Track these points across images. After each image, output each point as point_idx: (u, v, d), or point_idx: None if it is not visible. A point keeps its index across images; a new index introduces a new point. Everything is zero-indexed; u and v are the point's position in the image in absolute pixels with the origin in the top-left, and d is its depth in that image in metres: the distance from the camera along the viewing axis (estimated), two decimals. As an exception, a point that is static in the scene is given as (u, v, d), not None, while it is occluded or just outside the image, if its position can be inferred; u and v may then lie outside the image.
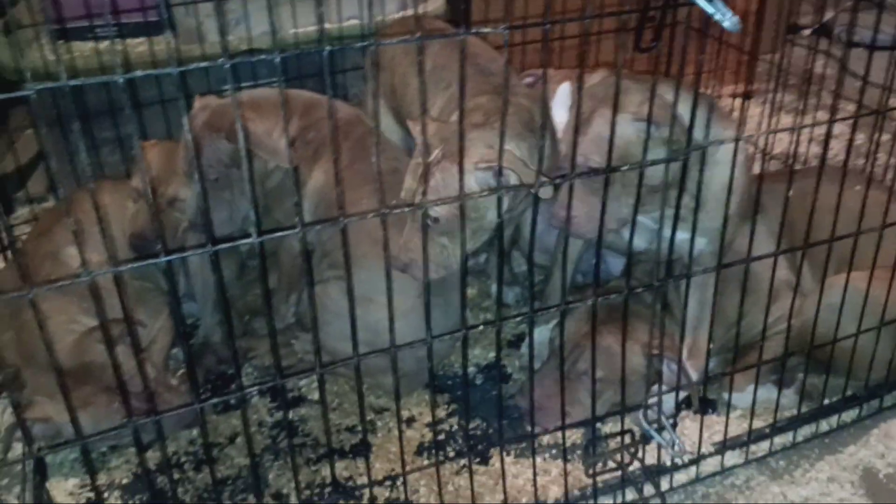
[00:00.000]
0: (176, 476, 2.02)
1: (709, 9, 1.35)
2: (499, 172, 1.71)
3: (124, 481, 2.03)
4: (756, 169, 2.19)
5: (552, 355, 2.19)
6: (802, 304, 2.09)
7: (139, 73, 1.15)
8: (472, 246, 1.92)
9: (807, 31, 3.88)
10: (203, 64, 1.17)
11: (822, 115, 3.54)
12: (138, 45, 2.89)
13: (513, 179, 1.73)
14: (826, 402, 2.15)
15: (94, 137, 2.81)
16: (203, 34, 2.81)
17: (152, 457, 2.07)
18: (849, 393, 2.17)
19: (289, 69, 2.85)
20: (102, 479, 2.04)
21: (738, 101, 3.60)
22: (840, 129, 3.21)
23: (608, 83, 1.81)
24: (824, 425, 2.12)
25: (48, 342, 1.32)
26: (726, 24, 1.35)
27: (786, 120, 3.59)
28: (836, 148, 3.50)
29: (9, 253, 2.30)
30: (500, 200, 1.65)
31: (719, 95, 3.74)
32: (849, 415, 2.15)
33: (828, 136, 1.79)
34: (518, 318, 2.46)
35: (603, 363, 1.98)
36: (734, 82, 3.80)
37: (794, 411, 2.10)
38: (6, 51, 2.76)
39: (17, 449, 2.12)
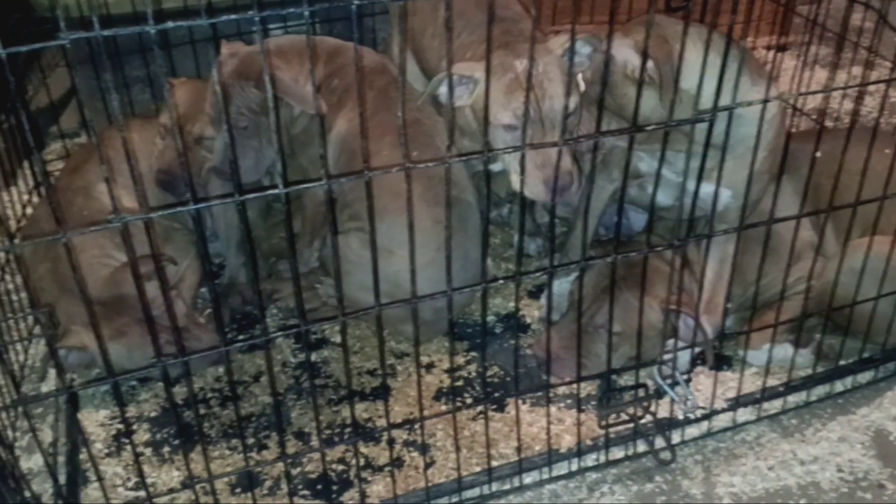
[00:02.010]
0: (202, 411, 2.10)
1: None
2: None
3: (153, 414, 2.11)
4: (787, 124, 2.17)
5: (571, 308, 2.22)
6: (824, 267, 2.09)
7: (170, 24, 1.17)
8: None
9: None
10: (233, 17, 1.18)
11: (858, 71, 3.47)
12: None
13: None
14: (842, 363, 2.16)
15: (126, 76, 2.84)
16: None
17: (180, 392, 2.15)
18: (865, 355, 2.18)
19: (317, 13, 2.84)
20: (132, 411, 2.12)
21: (773, 53, 3.53)
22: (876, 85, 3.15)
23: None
24: (839, 386, 2.14)
25: (81, 281, 1.36)
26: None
27: (820, 74, 3.52)
28: (871, 104, 3.44)
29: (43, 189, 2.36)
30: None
31: (754, 47, 3.68)
32: (864, 376, 2.17)
33: (859, 97, 1.77)
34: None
35: (620, 317, 2.01)
36: (770, 34, 3.72)
37: (809, 371, 2.12)
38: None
39: (52, 376, 2.21)
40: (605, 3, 2.99)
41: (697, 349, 2.11)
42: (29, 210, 2.62)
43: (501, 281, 1.84)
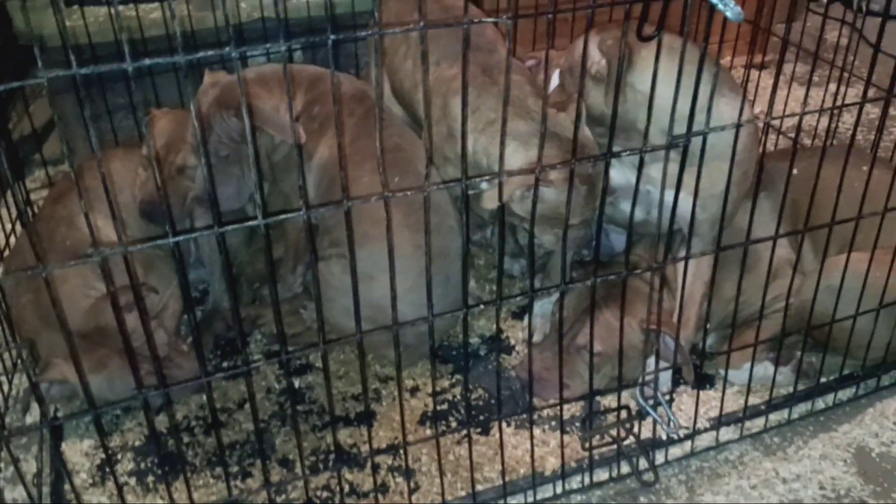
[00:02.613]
0: (186, 440, 2.09)
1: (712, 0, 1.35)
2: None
3: (137, 443, 2.10)
4: (763, 142, 2.20)
5: (553, 329, 2.23)
6: (802, 284, 2.11)
7: (147, 61, 1.18)
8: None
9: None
10: (210, 53, 1.20)
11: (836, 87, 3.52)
12: (152, 11, 2.91)
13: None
14: (822, 380, 2.18)
15: (108, 103, 2.85)
16: (215, 1, 2.82)
17: (163, 420, 2.14)
18: (846, 372, 2.20)
19: (299, 36, 2.86)
20: (116, 440, 2.11)
21: (752, 72, 3.58)
22: (852, 101, 3.19)
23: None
24: (820, 403, 2.16)
25: (61, 314, 1.37)
26: (729, 15, 1.36)
27: (799, 92, 3.57)
28: (849, 121, 3.49)
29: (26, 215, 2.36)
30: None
31: (732, 66, 3.72)
32: (845, 393, 2.19)
33: (830, 119, 1.80)
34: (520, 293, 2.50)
35: (601, 338, 2.03)
36: (748, 52, 3.76)
37: (790, 389, 2.14)
38: (22, 17, 2.78)
39: (36, 407, 2.20)
40: (583, 28, 3.03)
41: (678, 368, 2.12)
42: (13, 240, 2.61)
43: (483, 306, 1.85)
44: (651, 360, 2.04)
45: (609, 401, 2.17)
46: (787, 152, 2.63)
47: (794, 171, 1.90)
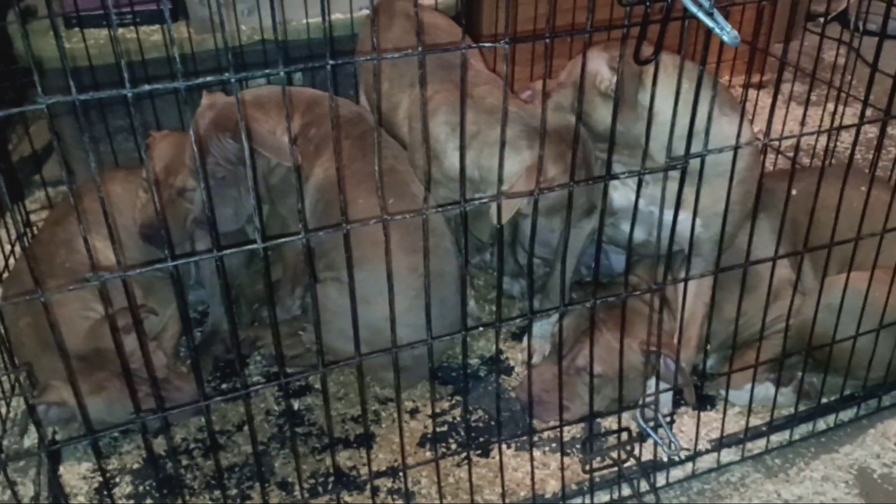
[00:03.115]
0: (185, 462, 2.08)
1: (709, 23, 1.36)
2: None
3: (135, 466, 2.09)
4: (762, 161, 2.21)
5: (553, 350, 2.22)
6: (802, 304, 2.11)
7: (147, 87, 1.19)
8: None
9: (822, 19, 3.86)
10: (210, 79, 1.21)
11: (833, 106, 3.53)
12: (152, 34, 2.93)
13: None
14: (823, 401, 2.17)
15: (108, 125, 2.86)
16: (215, 24, 2.84)
17: (162, 443, 2.13)
18: (847, 392, 2.19)
19: (298, 59, 2.88)
20: (114, 463, 2.10)
21: (750, 92, 3.59)
22: (850, 120, 3.20)
23: None
24: (821, 424, 2.15)
25: (60, 339, 1.36)
26: (725, 39, 1.36)
27: (797, 111, 3.58)
28: (847, 140, 3.50)
29: (26, 237, 2.36)
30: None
31: (730, 85, 3.74)
32: (846, 414, 2.18)
33: (829, 139, 1.81)
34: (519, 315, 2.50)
35: (601, 359, 2.02)
36: (746, 72, 3.79)
37: (792, 409, 2.13)
38: (22, 39, 2.80)
39: (34, 432, 2.19)
40: (580, 49, 3.05)
41: (679, 389, 2.11)
42: (12, 261, 2.61)
43: (481, 328, 1.85)
44: (651, 382, 2.03)
45: (609, 422, 2.16)
46: (785, 172, 2.63)
47: (794, 192, 1.90)
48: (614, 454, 1.94)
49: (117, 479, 2.05)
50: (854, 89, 2.88)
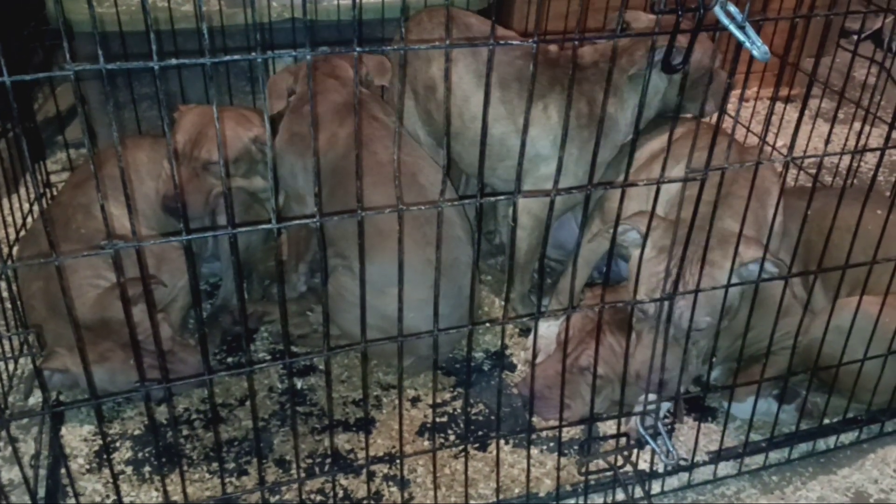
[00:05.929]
0: (185, 432, 2.10)
1: (740, 37, 1.35)
2: None
3: (136, 432, 2.11)
4: (783, 176, 2.20)
5: (558, 349, 2.23)
6: (811, 323, 2.10)
7: (173, 61, 1.19)
8: None
9: (855, 36, 3.82)
10: (237, 58, 1.21)
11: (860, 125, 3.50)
12: (184, 3, 2.93)
13: None
14: (826, 421, 2.16)
15: (134, 92, 2.87)
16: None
17: (164, 412, 2.15)
18: (850, 415, 2.19)
19: (328, 38, 2.88)
20: (116, 428, 2.13)
21: (777, 105, 3.56)
22: (876, 141, 3.17)
23: None
24: (821, 444, 2.15)
25: (70, 305, 1.38)
26: (755, 53, 1.36)
27: (823, 128, 3.56)
28: (871, 160, 3.47)
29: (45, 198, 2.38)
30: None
31: (758, 97, 3.71)
32: (847, 436, 2.17)
33: (852, 159, 1.79)
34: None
35: (604, 360, 2.03)
36: (774, 85, 3.75)
37: (793, 427, 2.12)
38: (54, 2, 2.81)
39: (38, 393, 2.22)
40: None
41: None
42: (30, 220, 2.64)
43: (488, 324, 1.85)
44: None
45: (608, 426, 2.16)
46: (805, 190, 2.62)
47: (808, 212, 1.89)
48: (611, 458, 1.94)
49: (117, 444, 2.08)
50: (882, 110, 2.85)
